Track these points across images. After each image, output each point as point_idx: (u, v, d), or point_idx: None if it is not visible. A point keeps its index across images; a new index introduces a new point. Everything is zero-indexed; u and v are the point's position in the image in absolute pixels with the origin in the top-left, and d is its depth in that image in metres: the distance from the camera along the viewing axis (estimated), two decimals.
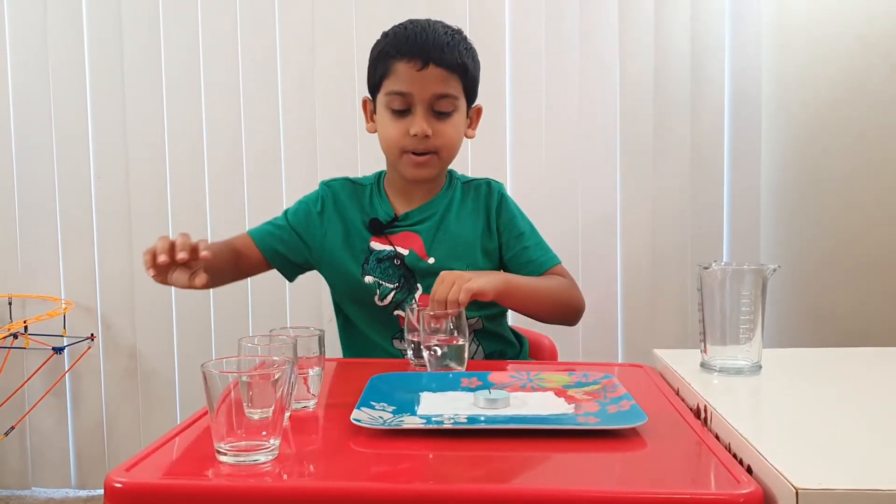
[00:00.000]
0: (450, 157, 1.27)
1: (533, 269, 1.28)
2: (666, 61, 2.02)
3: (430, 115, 1.21)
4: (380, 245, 1.28)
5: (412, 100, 1.20)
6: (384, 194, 1.33)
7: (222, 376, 0.68)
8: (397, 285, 1.26)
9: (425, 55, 1.18)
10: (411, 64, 1.19)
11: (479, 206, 1.31)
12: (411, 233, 1.28)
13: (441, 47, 1.19)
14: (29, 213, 2.15)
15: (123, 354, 2.16)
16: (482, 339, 1.28)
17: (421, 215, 1.30)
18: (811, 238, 2.02)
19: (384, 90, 1.23)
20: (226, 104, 2.09)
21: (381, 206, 1.31)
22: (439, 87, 1.20)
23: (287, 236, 1.33)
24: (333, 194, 1.34)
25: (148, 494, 0.65)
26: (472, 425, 0.77)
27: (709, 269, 0.99)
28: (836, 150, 1.99)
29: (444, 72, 1.20)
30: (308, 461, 0.73)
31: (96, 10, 2.09)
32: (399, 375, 0.99)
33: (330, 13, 2.06)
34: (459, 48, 1.22)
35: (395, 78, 1.21)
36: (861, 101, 1.96)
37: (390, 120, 1.23)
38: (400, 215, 1.30)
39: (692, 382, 0.93)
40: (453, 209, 1.30)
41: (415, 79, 1.19)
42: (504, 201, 1.32)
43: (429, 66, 1.18)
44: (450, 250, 1.26)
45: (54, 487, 2.21)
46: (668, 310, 2.05)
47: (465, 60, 1.22)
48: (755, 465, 0.67)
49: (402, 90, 1.20)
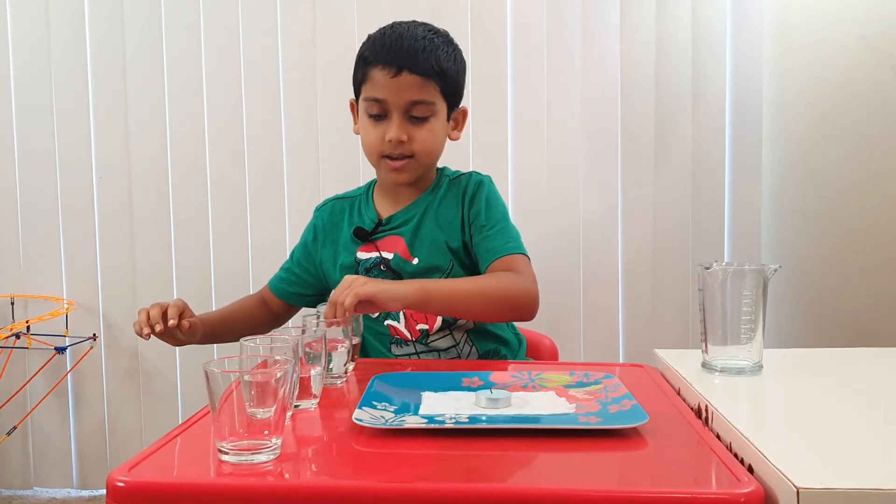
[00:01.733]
0: (428, 160, 1.27)
1: (488, 256, 1.23)
2: (667, 61, 2.02)
3: (406, 121, 1.21)
4: (366, 254, 1.29)
5: (387, 106, 1.21)
6: (371, 201, 1.34)
7: (224, 376, 0.68)
8: None
9: (399, 62, 1.18)
10: (385, 71, 1.19)
11: (458, 200, 1.30)
12: (395, 236, 1.29)
13: (415, 54, 1.19)
14: (31, 213, 2.15)
15: (125, 354, 2.17)
16: (475, 339, 1.27)
17: (404, 217, 1.30)
18: (812, 238, 2.01)
19: (363, 95, 1.24)
20: (228, 104, 2.09)
21: (367, 214, 1.33)
22: (413, 94, 1.20)
23: (295, 276, 1.38)
24: (323, 218, 1.37)
25: (150, 494, 0.65)
26: (474, 425, 0.78)
27: (710, 269, 0.99)
28: (837, 150, 1.99)
29: (418, 78, 1.19)
30: (310, 461, 0.73)
31: (98, 11, 2.10)
32: (401, 375, 0.99)
33: (331, 13, 2.06)
34: (437, 53, 1.21)
35: (371, 84, 1.22)
36: (863, 101, 1.96)
37: (369, 125, 1.24)
38: (384, 219, 1.31)
39: (693, 382, 0.93)
40: (433, 207, 1.29)
41: (389, 85, 1.19)
42: (478, 190, 1.29)
43: (402, 73, 1.19)
44: (430, 248, 1.26)
45: (56, 487, 2.21)
46: (670, 310, 2.05)
47: (444, 65, 1.21)
48: (756, 464, 0.67)
49: (377, 96, 1.21)
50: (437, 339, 1.26)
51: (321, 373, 0.89)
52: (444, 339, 1.27)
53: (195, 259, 2.12)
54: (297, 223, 2.09)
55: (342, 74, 2.06)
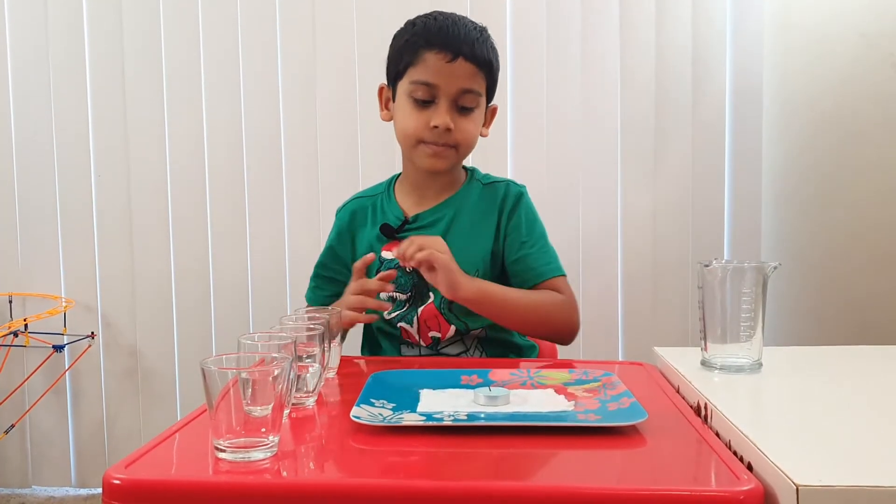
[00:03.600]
0: (466, 153, 1.25)
1: (530, 277, 1.24)
2: (667, 59, 2.02)
3: (453, 109, 1.19)
4: (390, 254, 1.25)
5: (437, 91, 1.18)
6: (394, 198, 1.31)
7: (221, 373, 0.68)
8: (409, 295, 1.24)
9: (456, 48, 1.17)
10: (441, 55, 1.17)
11: (493, 207, 1.27)
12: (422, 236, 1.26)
13: (472, 42, 1.18)
14: (29, 211, 2.15)
15: (124, 353, 2.17)
16: (486, 346, 1.27)
17: (433, 216, 1.27)
18: (812, 236, 2.01)
19: (408, 78, 1.20)
20: (226, 103, 2.09)
21: (391, 211, 1.29)
22: (466, 82, 1.18)
23: (327, 282, 1.33)
24: (345, 219, 1.33)
25: (147, 491, 0.65)
26: (472, 422, 0.77)
27: (709, 267, 0.98)
28: (837, 148, 1.98)
29: (472, 67, 1.18)
30: (307, 458, 0.73)
31: (97, 9, 2.09)
32: (399, 373, 0.99)
33: (331, 12, 2.06)
34: (488, 44, 1.21)
35: (422, 67, 1.18)
36: (863, 99, 1.95)
37: (411, 110, 1.20)
38: (410, 217, 1.28)
39: (693, 380, 0.93)
40: (466, 210, 1.27)
41: (443, 70, 1.17)
42: (518, 203, 1.28)
43: (458, 59, 1.17)
44: (459, 254, 1.22)
45: (54, 486, 2.21)
46: (669, 307, 2.05)
47: (492, 57, 1.22)
48: (755, 462, 0.67)
49: (428, 80, 1.18)
50: (447, 346, 1.26)
51: (319, 370, 0.88)
52: (454, 345, 1.26)
53: (194, 257, 2.12)
54: (296, 222, 2.09)
55: (342, 76, 2.09)
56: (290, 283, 2.10)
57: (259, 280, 2.11)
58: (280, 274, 2.10)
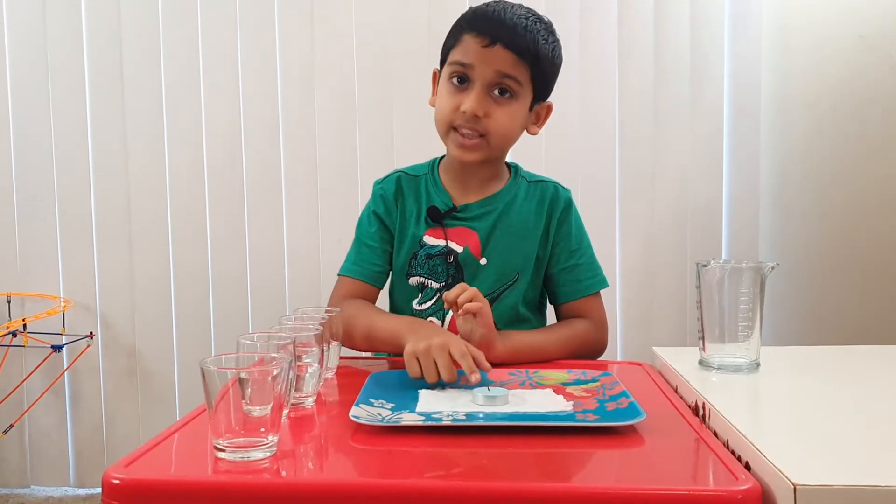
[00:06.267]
0: (500, 144, 1.20)
1: (576, 289, 1.24)
2: (666, 60, 2.02)
3: (487, 97, 1.15)
4: (433, 239, 1.22)
5: (472, 74, 1.14)
6: (440, 183, 1.26)
7: (221, 373, 0.68)
8: (444, 284, 1.21)
9: (494, 33, 1.13)
10: (479, 39, 1.13)
11: (541, 209, 1.24)
12: (468, 229, 1.22)
13: (513, 29, 1.13)
14: (28, 211, 2.15)
15: (123, 353, 2.16)
16: None
17: (480, 209, 1.23)
18: (810, 236, 2.02)
19: (449, 59, 1.18)
20: (225, 104, 2.09)
21: (438, 195, 1.25)
22: (501, 68, 1.13)
23: (373, 252, 1.25)
24: (390, 189, 1.27)
25: (146, 491, 0.65)
26: (471, 422, 0.78)
27: (707, 267, 0.99)
28: (835, 149, 1.99)
29: (511, 54, 1.13)
30: (306, 458, 0.73)
31: (96, 10, 2.09)
32: (398, 373, 0.99)
33: (329, 14, 2.05)
34: (536, 36, 1.14)
35: (460, 48, 1.15)
36: (861, 100, 1.96)
37: (447, 92, 1.17)
38: (459, 206, 1.23)
39: (691, 380, 0.93)
40: (514, 208, 1.24)
41: (478, 53, 1.13)
42: (569, 211, 1.26)
43: (496, 44, 1.12)
44: (505, 252, 1.21)
45: (53, 486, 2.21)
46: (667, 307, 2.05)
47: (540, 49, 1.14)
48: (753, 461, 0.67)
49: (463, 60, 1.14)
50: None
51: (318, 370, 0.88)
52: None
53: (193, 257, 2.12)
54: (295, 222, 2.09)
55: (340, 76, 2.09)
56: (288, 283, 2.09)
57: (258, 280, 2.11)
58: (279, 274, 2.10)
